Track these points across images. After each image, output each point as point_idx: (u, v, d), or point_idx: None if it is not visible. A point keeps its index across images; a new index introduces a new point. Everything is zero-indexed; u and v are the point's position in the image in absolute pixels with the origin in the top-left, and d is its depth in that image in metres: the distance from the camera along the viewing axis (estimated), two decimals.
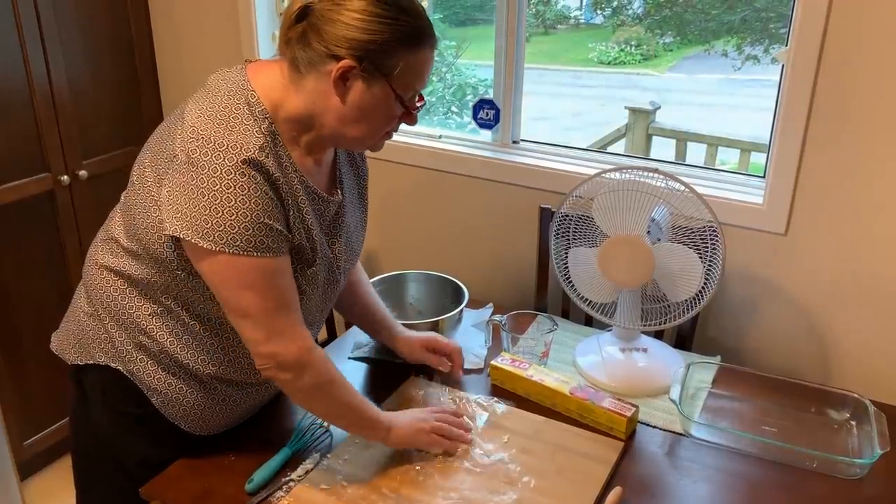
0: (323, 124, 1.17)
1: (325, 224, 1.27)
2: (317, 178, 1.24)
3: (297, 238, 1.17)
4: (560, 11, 4.53)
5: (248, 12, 2.25)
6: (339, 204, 1.29)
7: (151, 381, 1.27)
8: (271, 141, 1.13)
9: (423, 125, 2.36)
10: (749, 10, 3.83)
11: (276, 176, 1.12)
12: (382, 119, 1.17)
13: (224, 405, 1.32)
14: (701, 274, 1.45)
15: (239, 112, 1.12)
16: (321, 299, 1.31)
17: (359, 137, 1.18)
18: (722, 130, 3.82)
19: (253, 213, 1.08)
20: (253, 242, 1.09)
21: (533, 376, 1.46)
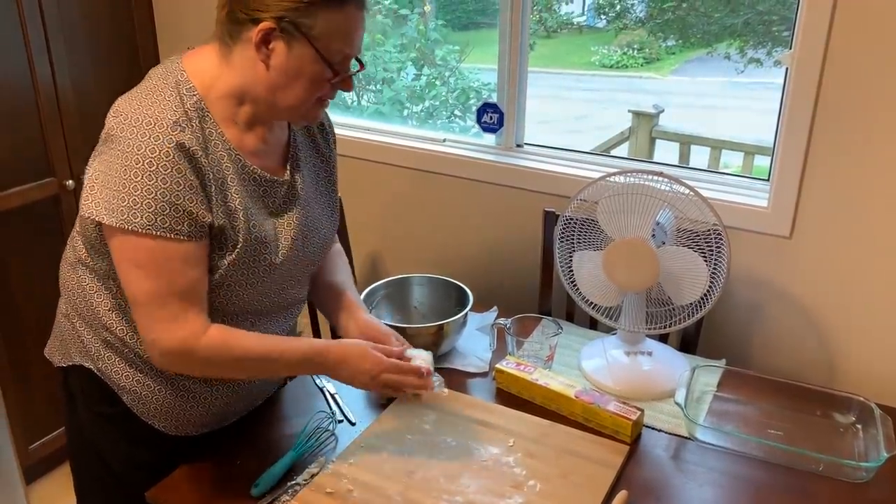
0: (255, 97, 1.15)
1: (273, 205, 1.24)
2: (262, 157, 1.22)
3: (218, 220, 1.13)
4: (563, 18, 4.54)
5: None
6: (288, 184, 1.25)
7: (120, 379, 1.27)
8: (197, 117, 1.12)
9: (426, 129, 2.37)
10: (752, 13, 3.83)
11: (196, 152, 1.09)
12: (310, 83, 1.14)
13: (194, 403, 1.30)
14: (706, 277, 1.45)
15: (164, 91, 1.12)
16: (272, 287, 1.26)
17: (290, 105, 1.15)
18: (725, 134, 3.81)
19: (159, 190, 1.06)
20: (154, 221, 1.07)
21: (538, 380, 1.46)
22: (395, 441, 1.34)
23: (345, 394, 1.50)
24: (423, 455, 1.30)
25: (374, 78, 2.68)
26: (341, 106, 2.63)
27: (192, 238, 1.10)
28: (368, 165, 2.24)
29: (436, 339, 1.58)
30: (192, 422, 1.32)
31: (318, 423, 1.38)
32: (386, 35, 2.63)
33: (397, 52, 2.68)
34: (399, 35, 2.65)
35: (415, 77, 2.71)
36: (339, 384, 1.52)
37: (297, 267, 1.30)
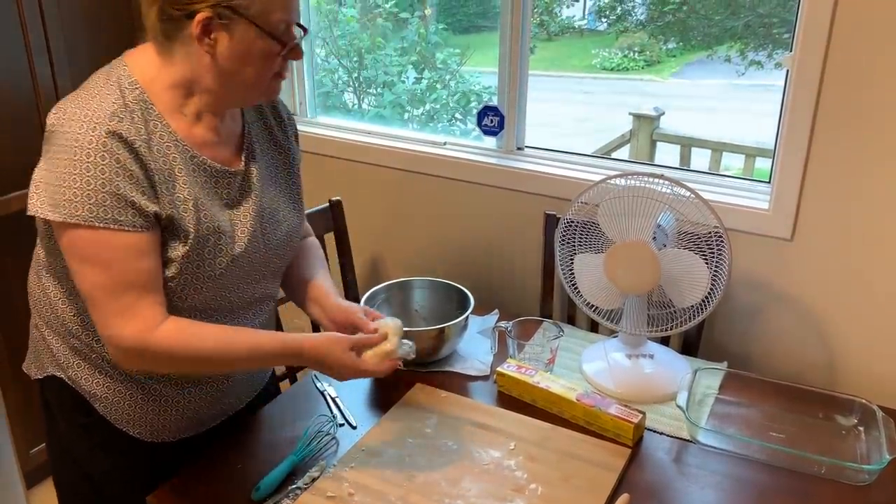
0: (205, 87, 1.15)
1: (228, 196, 1.22)
2: (214, 149, 1.20)
3: (165, 210, 1.12)
4: (564, 21, 4.55)
5: None
6: (243, 175, 1.24)
7: (91, 387, 1.26)
8: (139, 109, 1.11)
9: (427, 132, 2.37)
10: (752, 15, 3.83)
11: (135, 142, 1.09)
12: (261, 61, 1.13)
13: (166, 407, 1.29)
14: (707, 279, 1.45)
15: (104, 87, 1.11)
16: (236, 281, 1.24)
17: (247, 87, 1.16)
18: (726, 136, 3.82)
19: (98, 181, 1.05)
20: (95, 213, 1.06)
21: (539, 383, 1.46)
22: (396, 445, 1.34)
23: (346, 397, 1.50)
24: (424, 459, 1.30)
25: (374, 81, 2.68)
26: (342, 109, 2.63)
27: (137, 228, 1.09)
28: (369, 169, 2.24)
29: (437, 343, 1.58)
30: (167, 427, 1.31)
31: (318, 427, 1.37)
32: (387, 39, 2.64)
33: (398, 55, 2.68)
34: (400, 38, 2.66)
35: (415, 80, 2.72)
36: (340, 388, 1.53)
37: (260, 260, 1.27)
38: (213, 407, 1.36)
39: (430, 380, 1.55)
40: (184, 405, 1.30)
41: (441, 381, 1.55)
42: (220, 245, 1.18)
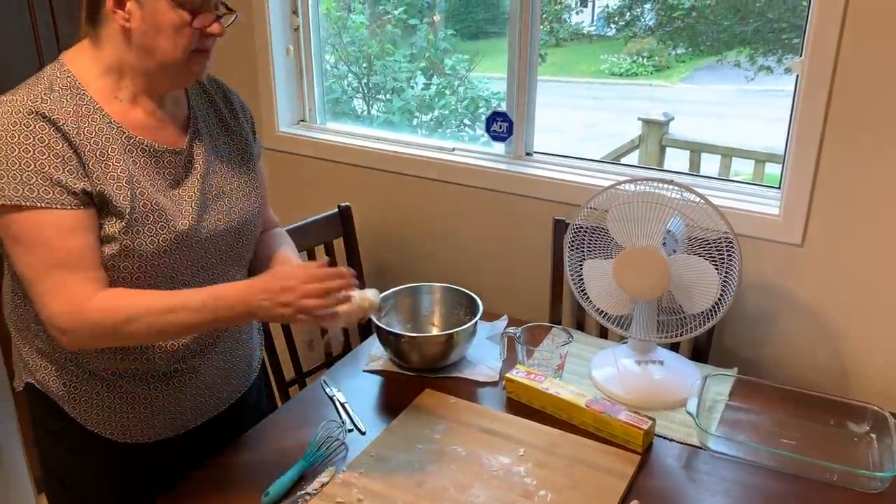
0: (131, 67, 1.16)
1: (171, 176, 1.22)
2: (154, 131, 1.21)
3: (97, 187, 1.12)
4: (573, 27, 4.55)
5: (263, 27, 2.27)
6: (186, 155, 1.24)
7: (58, 388, 1.26)
8: (70, 95, 1.13)
9: (436, 138, 2.37)
10: (761, 20, 3.82)
11: (60, 120, 1.10)
12: (173, 34, 1.13)
13: (134, 403, 1.28)
14: (717, 285, 1.44)
15: (32, 81, 1.14)
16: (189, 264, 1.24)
17: (164, 62, 1.15)
18: (736, 141, 3.80)
19: (22, 160, 1.07)
20: (21, 192, 1.07)
21: (548, 389, 1.45)
22: (404, 450, 1.34)
23: (355, 403, 1.50)
24: (432, 464, 1.30)
25: (384, 87, 2.69)
26: (351, 115, 2.64)
27: (65, 206, 1.09)
28: (378, 174, 2.24)
29: (446, 349, 1.58)
30: (139, 426, 1.29)
31: (327, 433, 1.38)
32: (396, 45, 2.65)
33: (407, 61, 2.69)
34: (409, 45, 2.66)
35: (424, 86, 2.72)
36: (349, 393, 1.53)
37: (210, 242, 1.27)
38: (187, 406, 1.34)
39: (439, 385, 1.55)
40: (152, 401, 1.29)
41: (450, 386, 1.55)
42: (161, 222, 1.18)
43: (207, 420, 1.39)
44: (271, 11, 2.26)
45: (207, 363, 1.34)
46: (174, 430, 1.34)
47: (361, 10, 2.61)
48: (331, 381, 1.58)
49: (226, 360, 1.38)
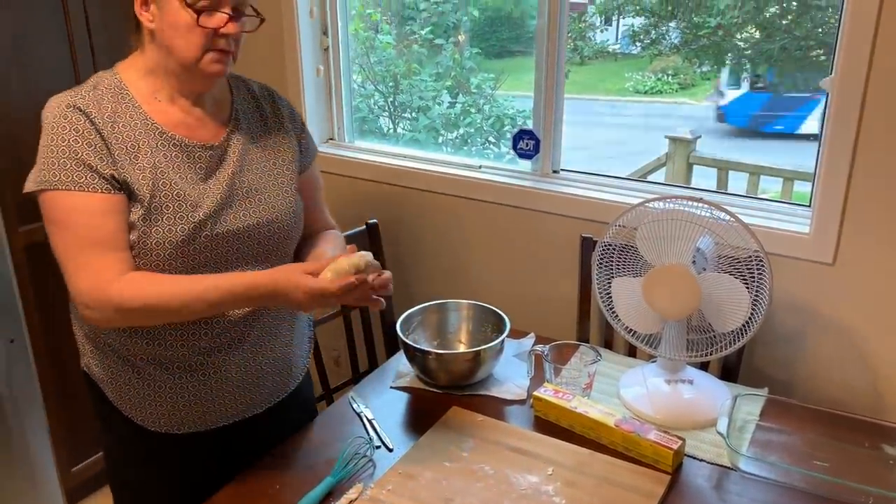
0: (164, 67, 1.25)
1: (202, 170, 1.28)
2: (190, 128, 1.28)
3: (121, 174, 1.19)
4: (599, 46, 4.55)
5: (294, 47, 2.31)
6: (221, 150, 1.30)
7: (99, 372, 1.35)
8: (111, 93, 1.23)
9: (461, 155, 2.39)
10: (788, 38, 3.80)
11: (92, 113, 1.19)
12: (186, 33, 1.19)
13: (160, 391, 1.32)
14: (748, 304, 1.43)
15: (88, 80, 1.25)
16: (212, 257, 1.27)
17: (183, 61, 1.22)
18: (763, 159, 3.77)
19: (60, 148, 1.17)
20: (59, 176, 1.16)
21: (577, 408, 1.45)
22: (432, 468, 1.34)
23: (382, 419, 1.50)
24: (460, 482, 1.30)
25: (410, 106, 2.71)
26: (377, 134, 2.67)
27: (96, 190, 1.18)
28: (405, 192, 2.26)
29: (473, 366, 1.58)
30: (166, 415, 1.34)
31: (355, 449, 1.38)
32: (422, 64, 2.67)
33: (433, 80, 2.71)
34: (435, 64, 2.69)
35: (449, 105, 2.74)
36: (376, 410, 1.53)
37: (235, 237, 1.29)
38: (214, 401, 1.36)
39: (467, 403, 1.55)
40: (178, 391, 1.33)
41: (477, 404, 1.55)
42: (180, 212, 1.23)
43: (241, 421, 1.40)
44: (302, 32, 2.29)
45: (234, 360, 1.35)
46: (203, 424, 1.37)
47: (388, 31, 2.64)
48: (358, 398, 1.58)
49: (257, 361, 1.38)
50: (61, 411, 2.23)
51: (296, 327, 1.47)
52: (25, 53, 2.02)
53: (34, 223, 2.06)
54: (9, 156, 1.99)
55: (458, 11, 2.66)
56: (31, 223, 2.06)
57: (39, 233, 2.06)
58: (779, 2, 3.40)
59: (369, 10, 2.60)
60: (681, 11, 4.03)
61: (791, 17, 3.50)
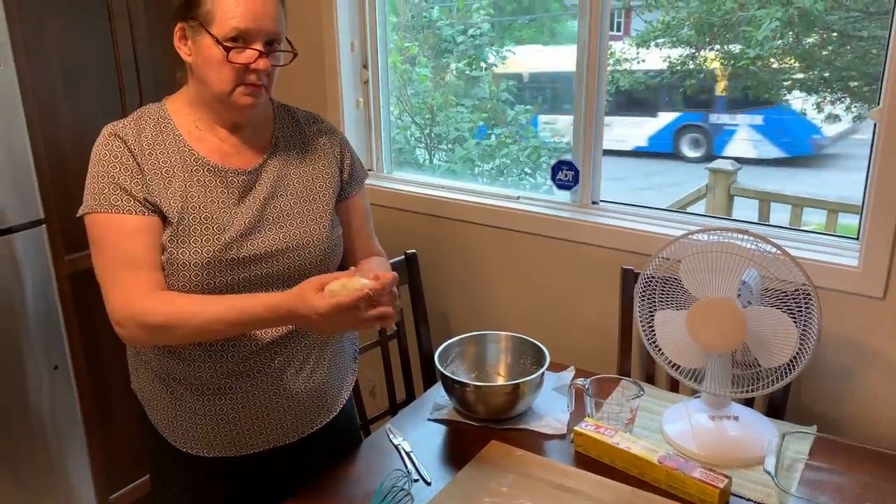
0: (201, 99, 1.30)
1: (234, 195, 1.31)
2: (226, 155, 1.32)
3: (152, 197, 1.25)
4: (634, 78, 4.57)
5: (335, 81, 2.34)
6: (254, 176, 1.33)
7: (140, 388, 1.41)
8: (153, 123, 1.29)
9: (499, 186, 2.39)
10: (829, 69, 3.76)
11: (131, 142, 1.26)
12: (218, 67, 1.23)
13: (191, 414, 1.35)
14: (795, 339, 1.39)
15: (136, 111, 1.33)
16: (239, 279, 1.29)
17: (215, 94, 1.26)
18: (805, 191, 3.72)
19: (100, 173, 1.25)
20: (99, 199, 1.24)
21: (619, 443, 1.42)
22: (471, 502, 1.32)
23: (420, 453, 1.49)
24: None
25: (446, 137, 2.73)
26: (413, 164, 2.68)
27: (130, 212, 1.24)
28: (443, 222, 2.26)
29: (512, 399, 1.56)
30: (196, 437, 1.36)
31: (393, 482, 1.36)
32: (458, 96, 2.69)
33: (469, 112, 2.73)
34: (471, 96, 2.71)
35: (485, 136, 2.75)
36: (414, 443, 1.52)
37: (262, 259, 1.31)
38: (241, 427, 1.36)
39: (506, 437, 1.53)
40: (205, 413, 1.35)
41: (516, 438, 1.53)
42: (207, 234, 1.27)
43: (274, 448, 1.40)
44: (343, 65, 2.33)
45: (262, 387, 1.36)
46: (232, 449, 1.37)
47: (426, 63, 2.67)
48: (396, 430, 1.57)
49: (286, 390, 1.38)
50: (101, 439, 2.25)
51: (332, 360, 1.47)
52: (75, 87, 2.08)
53: (79, 252, 2.11)
54: (58, 186, 2.04)
55: (493, 45, 2.68)
56: (77, 252, 2.10)
57: (84, 261, 2.13)
58: (819, 32, 3.37)
59: (407, 44, 2.63)
60: (718, 42, 4.02)
61: (832, 47, 3.46)
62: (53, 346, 2.04)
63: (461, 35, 2.63)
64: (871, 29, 2.65)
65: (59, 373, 2.06)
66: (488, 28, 2.62)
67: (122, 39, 2.15)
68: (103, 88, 2.14)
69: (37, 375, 2.01)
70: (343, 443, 1.55)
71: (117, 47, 2.15)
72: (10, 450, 1.99)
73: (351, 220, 1.48)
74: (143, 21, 2.18)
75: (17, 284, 1.94)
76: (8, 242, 1.93)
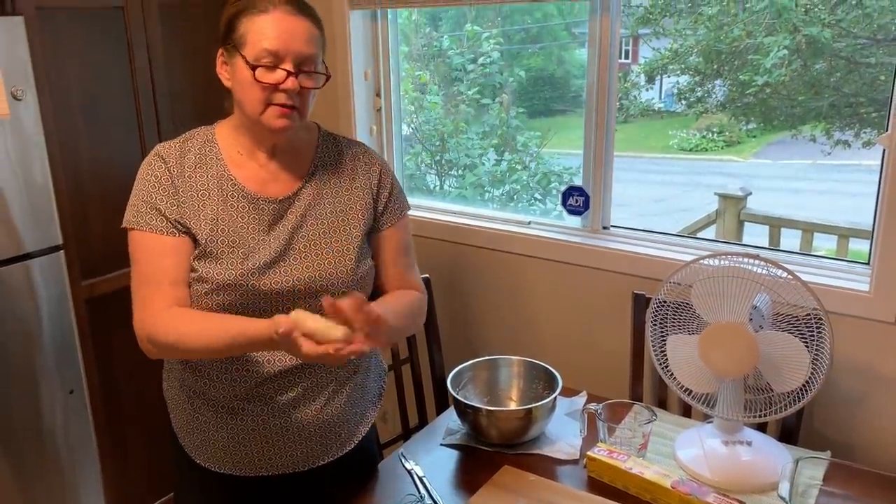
0: (242, 123, 1.33)
1: (265, 222, 1.33)
2: (262, 181, 1.34)
3: (184, 219, 1.29)
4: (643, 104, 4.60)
5: (348, 109, 2.38)
6: (285, 205, 1.33)
7: (168, 394, 1.45)
8: (198, 146, 1.34)
9: (509, 212, 2.41)
10: (837, 95, 3.79)
11: (172, 164, 1.31)
12: (249, 89, 1.25)
13: (205, 428, 1.38)
14: (808, 364, 1.40)
15: (186, 133, 1.37)
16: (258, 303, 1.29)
17: (249, 115, 1.28)
18: (816, 216, 3.72)
19: (140, 192, 1.30)
20: (137, 218, 1.29)
21: (632, 468, 1.42)
22: None
23: (433, 477, 1.49)
24: None
25: (456, 164, 2.76)
26: (424, 190, 2.71)
27: (162, 232, 1.29)
28: (455, 247, 2.28)
29: (525, 424, 1.56)
30: (208, 451, 1.39)
31: None
32: (469, 123, 2.72)
33: (479, 138, 2.76)
34: (481, 123, 2.74)
35: (496, 162, 2.78)
36: (427, 468, 1.52)
37: (284, 287, 1.31)
38: (250, 448, 1.37)
39: (518, 462, 1.53)
40: (217, 430, 1.37)
41: (528, 463, 1.53)
42: (232, 258, 1.30)
43: (283, 475, 1.40)
44: (356, 93, 2.37)
45: (272, 413, 1.36)
46: (242, 469, 1.39)
47: (436, 91, 2.71)
48: (408, 455, 1.57)
49: (296, 421, 1.38)
50: (115, 462, 2.26)
51: (350, 396, 1.44)
52: (95, 118, 2.12)
53: (96, 277, 2.14)
54: (76, 212, 2.08)
55: (503, 72, 2.72)
56: (94, 277, 2.13)
57: (101, 286, 2.16)
58: (826, 60, 3.40)
59: (418, 72, 2.67)
60: (726, 70, 4.06)
61: (839, 74, 3.49)
62: (69, 370, 2.06)
63: (471, 63, 2.67)
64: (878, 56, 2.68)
65: (74, 397, 2.07)
66: (498, 56, 2.66)
67: (141, 72, 2.20)
68: (122, 119, 2.18)
69: (52, 399, 2.03)
70: (358, 475, 1.53)
71: (136, 80, 2.19)
72: (25, 472, 2.00)
73: (382, 252, 1.45)
74: (161, 55, 2.23)
75: (33, 309, 1.97)
76: (26, 268, 1.95)
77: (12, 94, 1.85)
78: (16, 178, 1.90)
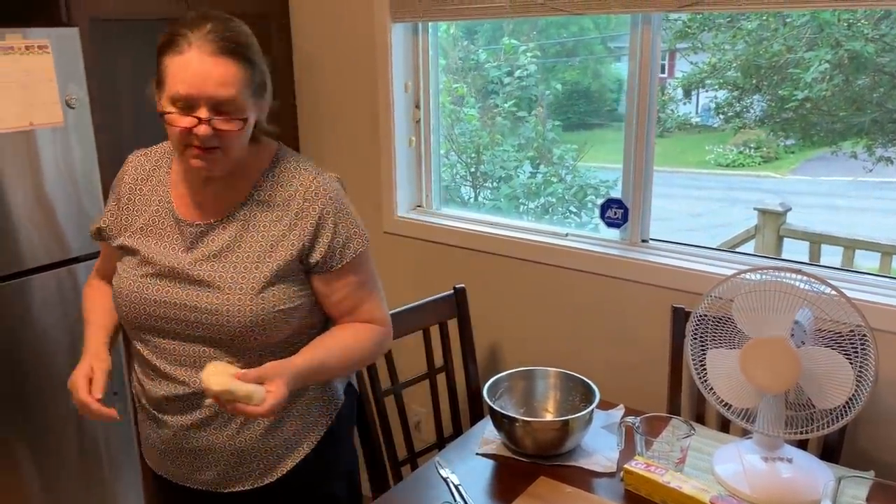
0: None
1: (185, 242, 1.34)
2: (188, 205, 1.36)
3: (106, 222, 1.43)
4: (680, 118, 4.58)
5: (388, 120, 2.40)
6: (202, 231, 1.33)
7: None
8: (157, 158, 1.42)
9: (545, 223, 2.41)
10: (880, 111, 3.73)
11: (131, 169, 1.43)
12: (168, 127, 1.25)
13: (142, 425, 1.46)
14: (851, 380, 1.38)
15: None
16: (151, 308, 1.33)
17: (175, 152, 1.33)
18: (855, 233, 3.67)
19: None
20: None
21: (670, 482, 1.41)
22: None
23: (468, 486, 1.49)
24: None
25: (491, 176, 2.77)
26: (458, 202, 2.72)
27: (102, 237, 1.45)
28: (492, 258, 2.29)
29: (561, 435, 1.56)
30: (147, 450, 1.48)
31: None
32: (505, 135, 2.74)
33: (515, 151, 2.77)
34: (517, 135, 2.75)
35: (531, 174, 2.79)
36: (463, 477, 1.52)
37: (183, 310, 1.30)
38: (178, 459, 1.40)
39: (554, 473, 1.53)
40: (147, 433, 1.45)
41: (565, 475, 1.53)
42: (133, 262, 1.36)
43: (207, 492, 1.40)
44: (396, 105, 2.39)
45: (187, 429, 1.36)
46: (173, 476, 1.43)
47: (473, 104, 2.73)
48: (444, 463, 1.58)
49: (208, 442, 1.36)
50: None
51: (268, 426, 1.37)
52: (142, 123, 2.17)
53: None
54: None
55: (539, 85, 2.73)
56: None
57: None
58: (869, 75, 3.35)
59: (456, 85, 2.69)
60: (765, 85, 4.02)
61: (883, 90, 3.43)
62: (113, 372, 2.10)
63: (507, 76, 2.68)
64: None
65: (117, 399, 2.11)
66: (534, 69, 2.67)
67: None
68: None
69: None
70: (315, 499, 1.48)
71: None
72: (65, 475, 2.04)
73: (332, 292, 1.37)
74: None
75: (79, 313, 2.01)
76: (72, 272, 2.01)
77: (66, 103, 1.91)
78: (65, 185, 1.95)
